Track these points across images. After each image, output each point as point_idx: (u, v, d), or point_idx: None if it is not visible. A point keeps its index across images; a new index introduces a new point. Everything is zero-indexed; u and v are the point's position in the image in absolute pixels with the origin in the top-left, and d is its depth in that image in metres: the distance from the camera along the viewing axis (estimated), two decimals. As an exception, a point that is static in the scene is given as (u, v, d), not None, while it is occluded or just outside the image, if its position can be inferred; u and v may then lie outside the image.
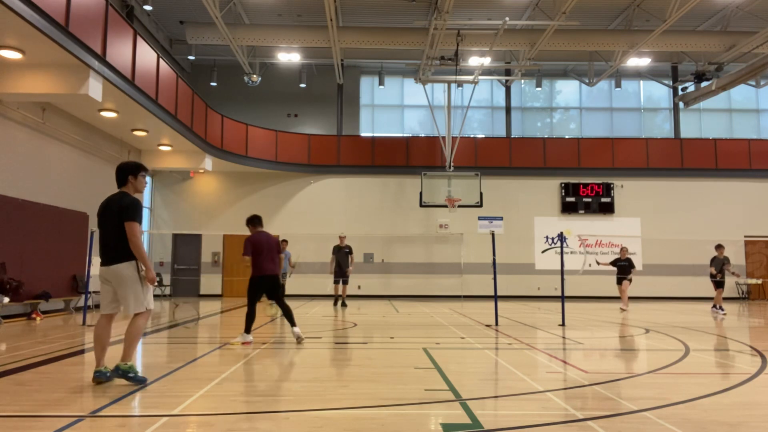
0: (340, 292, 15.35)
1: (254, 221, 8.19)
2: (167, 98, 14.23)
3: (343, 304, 15.13)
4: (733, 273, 14.31)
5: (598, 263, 16.36)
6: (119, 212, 5.03)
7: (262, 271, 7.85)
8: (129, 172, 5.26)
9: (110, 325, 5.25)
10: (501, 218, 20.31)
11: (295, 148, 21.10)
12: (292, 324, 7.98)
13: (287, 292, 18.28)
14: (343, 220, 20.87)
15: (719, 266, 14.09)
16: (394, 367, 6.26)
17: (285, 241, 15.26)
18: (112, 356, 5.44)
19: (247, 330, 7.77)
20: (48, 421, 3.90)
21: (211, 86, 22.37)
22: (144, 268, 5.10)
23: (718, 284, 14.13)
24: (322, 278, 19.75)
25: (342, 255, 15.32)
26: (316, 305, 15.78)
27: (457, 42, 17.64)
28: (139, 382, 5.03)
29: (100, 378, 5.01)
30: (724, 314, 13.64)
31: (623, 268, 15.38)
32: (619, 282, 15.40)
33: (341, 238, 15.67)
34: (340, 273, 15.24)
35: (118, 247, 5.04)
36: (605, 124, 24.04)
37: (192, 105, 16.19)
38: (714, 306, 14.16)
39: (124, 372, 5.03)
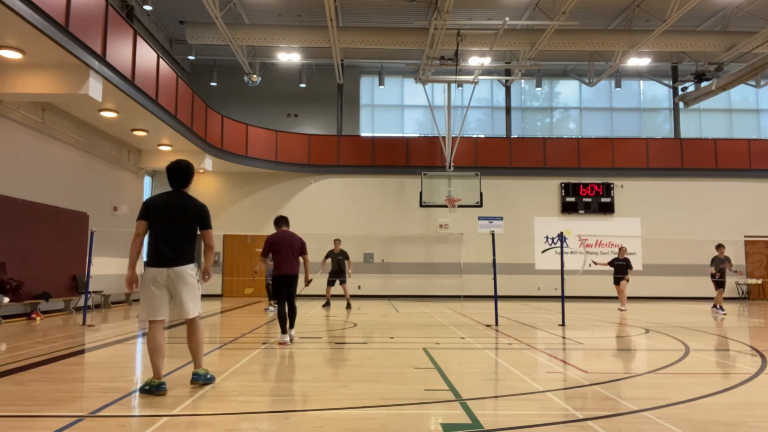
0: (339, 293, 15.09)
1: (277, 221, 8.43)
2: (167, 98, 14.23)
3: (348, 305, 14.73)
4: (735, 272, 14.27)
5: (595, 263, 16.37)
6: (200, 218, 5.02)
7: (281, 271, 7.88)
8: (192, 174, 5.14)
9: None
10: (501, 218, 20.27)
11: (295, 148, 21.10)
12: (291, 326, 8.01)
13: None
14: (343, 220, 20.88)
15: (719, 266, 14.08)
16: (394, 367, 6.26)
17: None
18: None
19: (283, 330, 7.80)
20: (48, 421, 3.90)
21: (211, 86, 22.37)
22: (207, 272, 5.12)
23: (719, 284, 14.12)
24: (321, 278, 19.74)
25: (338, 262, 14.83)
26: (315, 305, 15.78)
27: (457, 42, 17.64)
28: (212, 381, 5.06)
29: (163, 390, 4.66)
30: (724, 314, 13.63)
31: (621, 267, 15.37)
32: (617, 282, 15.39)
33: (336, 243, 15.08)
34: (337, 274, 14.81)
35: (188, 250, 4.90)
36: (605, 124, 24.04)
37: (192, 105, 16.19)
38: (714, 306, 14.15)
39: (204, 375, 4.99)
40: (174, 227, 4.87)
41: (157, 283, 4.81)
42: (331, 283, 14.95)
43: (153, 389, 4.64)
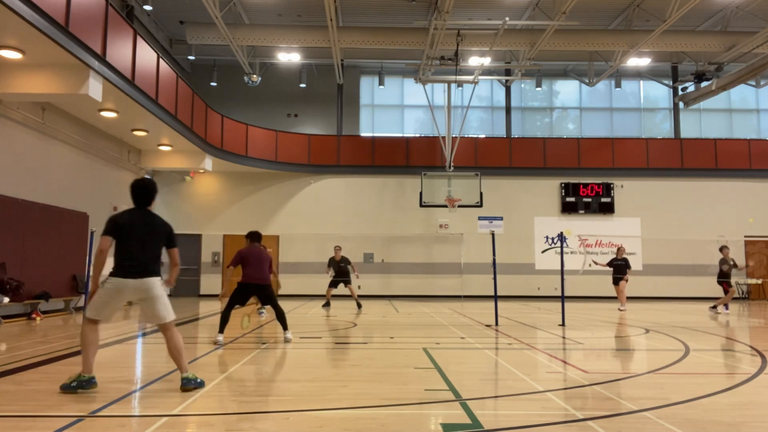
0: (345, 293, 14.89)
1: (250, 236, 8.80)
2: (167, 98, 14.23)
3: (358, 305, 14.50)
4: (734, 265, 14.28)
5: (595, 263, 16.35)
6: (167, 237, 5.26)
7: (247, 279, 8.28)
8: (155, 191, 5.39)
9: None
10: (501, 218, 20.27)
11: (295, 148, 21.10)
12: (284, 327, 8.20)
13: (285, 291, 18.31)
14: (343, 220, 20.88)
15: (728, 268, 14.11)
16: (394, 367, 6.26)
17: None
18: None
19: (221, 330, 7.99)
20: (48, 421, 3.90)
21: (211, 86, 22.37)
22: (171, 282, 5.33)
23: (728, 285, 14.12)
24: (321, 278, 19.76)
25: (340, 269, 14.71)
26: (315, 305, 15.78)
27: (457, 42, 17.64)
28: (202, 385, 5.02)
29: (93, 384, 4.84)
30: (727, 312, 13.62)
31: (620, 267, 15.38)
32: (616, 282, 15.39)
33: (336, 250, 14.95)
34: (340, 276, 14.70)
35: (155, 265, 5.10)
36: (605, 124, 24.04)
37: (192, 105, 16.19)
38: (713, 306, 14.13)
39: (194, 380, 4.95)
40: (143, 244, 5.03)
41: (119, 294, 4.91)
42: (333, 284, 14.85)
43: (83, 384, 4.72)
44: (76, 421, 3.85)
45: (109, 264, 4.97)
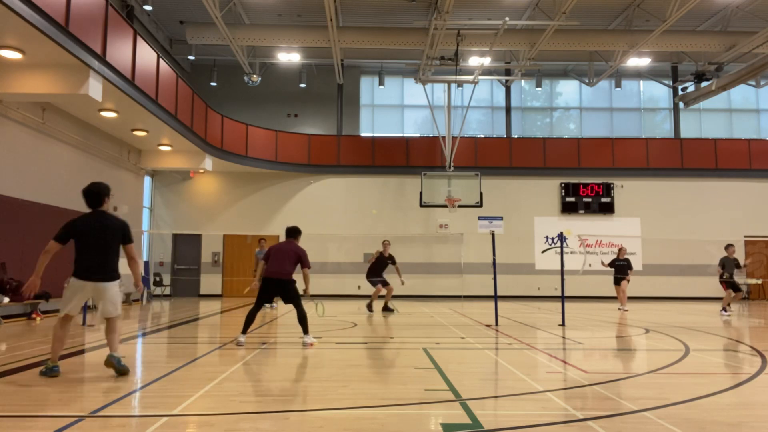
0: (383, 293, 13.61)
1: (286, 232, 8.38)
2: (167, 98, 14.22)
3: (388, 308, 13.50)
4: (742, 265, 14.22)
5: (603, 264, 16.01)
6: (123, 234, 5.55)
7: (266, 273, 7.86)
8: (106, 193, 5.65)
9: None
10: (501, 218, 20.18)
11: (295, 148, 21.11)
12: (305, 331, 7.80)
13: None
14: (343, 220, 20.89)
15: (731, 267, 13.99)
16: (394, 367, 6.26)
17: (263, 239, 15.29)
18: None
19: (244, 330, 7.70)
20: (48, 421, 3.90)
21: (211, 86, 22.37)
22: (137, 284, 5.81)
23: (731, 285, 13.95)
24: (321, 278, 19.76)
25: (384, 266, 13.53)
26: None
27: (457, 42, 17.64)
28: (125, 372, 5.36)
29: (56, 372, 5.31)
30: (729, 315, 13.57)
31: (621, 267, 15.37)
32: (618, 282, 15.38)
33: (385, 245, 13.68)
34: (380, 275, 13.52)
35: (112, 265, 5.52)
36: (605, 124, 24.04)
37: (192, 105, 16.19)
38: (723, 309, 14.01)
39: (119, 359, 5.37)
40: (98, 246, 5.40)
41: (80, 291, 5.41)
42: (376, 283, 13.49)
43: (47, 371, 5.27)
44: (76, 421, 3.85)
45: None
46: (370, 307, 13.58)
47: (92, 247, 5.36)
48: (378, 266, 13.58)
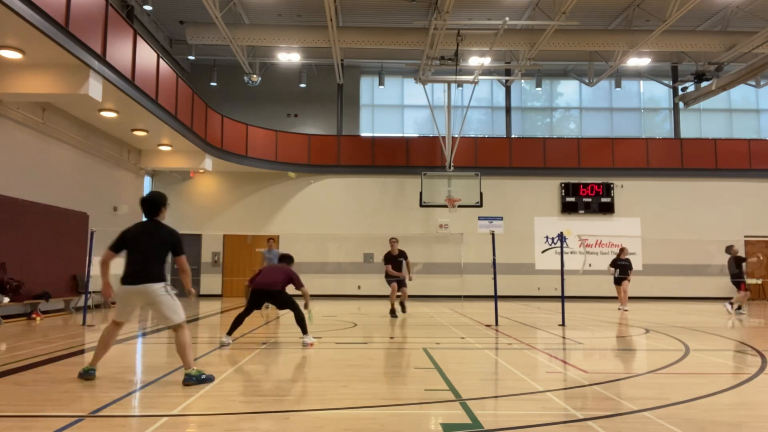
0: (398, 293, 12.85)
1: (279, 258, 8.52)
2: (167, 98, 14.23)
3: (403, 309, 12.88)
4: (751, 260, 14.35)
5: (610, 271, 15.69)
6: (173, 245, 5.48)
7: (256, 285, 8.01)
8: (163, 203, 5.64)
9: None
10: (501, 218, 20.30)
11: (295, 148, 21.10)
12: (304, 332, 7.82)
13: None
14: (343, 220, 20.88)
15: (739, 264, 14.15)
16: (394, 367, 6.26)
17: (272, 239, 15.17)
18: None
19: (230, 332, 7.83)
20: (48, 421, 3.90)
21: (211, 86, 22.37)
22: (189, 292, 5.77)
23: (739, 284, 14.14)
24: (321, 278, 19.77)
25: (397, 264, 12.78)
26: (315, 305, 15.76)
27: (457, 42, 17.64)
28: (210, 380, 5.21)
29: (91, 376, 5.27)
30: (741, 314, 13.61)
31: (623, 267, 15.37)
32: (619, 282, 15.38)
33: (392, 243, 13.03)
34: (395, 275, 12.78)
35: (158, 271, 5.37)
36: (605, 124, 24.04)
37: (192, 105, 16.19)
38: (738, 307, 14.07)
39: (197, 376, 5.12)
40: (145, 253, 5.35)
41: (128, 299, 5.35)
42: (393, 282, 12.74)
43: (83, 373, 5.24)
44: (76, 421, 3.85)
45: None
46: (393, 313, 12.51)
47: (137, 253, 5.33)
48: (393, 266, 12.77)
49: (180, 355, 5.25)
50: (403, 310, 12.91)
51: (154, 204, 5.55)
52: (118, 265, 5.33)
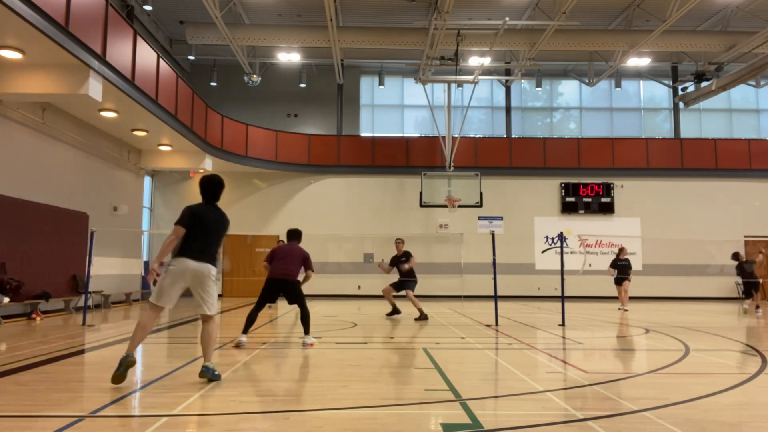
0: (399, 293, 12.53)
1: (287, 235, 8.42)
2: (167, 98, 14.23)
3: (423, 316, 11.88)
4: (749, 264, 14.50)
5: (610, 273, 15.74)
6: (225, 228, 5.60)
7: (270, 273, 7.88)
8: (222, 188, 5.64)
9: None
10: (501, 218, 20.33)
11: (295, 148, 21.11)
12: (306, 332, 7.79)
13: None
14: (343, 220, 20.88)
15: (750, 267, 14.28)
16: (394, 367, 6.26)
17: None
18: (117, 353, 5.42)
19: (244, 330, 7.67)
20: (48, 421, 3.90)
21: (211, 86, 22.37)
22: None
23: (755, 285, 14.26)
24: (321, 278, 19.74)
25: (400, 264, 12.42)
26: (315, 305, 15.76)
27: (457, 42, 17.64)
28: (218, 378, 5.21)
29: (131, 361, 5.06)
30: (761, 313, 13.73)
31: (623, 268, 15.38)
32: (620, 282, 15.38)
33: (397, 244, 12.62)
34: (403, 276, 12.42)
35: (216, 255, 5.44)
36: (605, 124, 24.05)
37: (192, 105, 16.19)
38: (757, 307, 14.24)
39: (212, 371, 5.17)
40: (208, 235, 5.37)
41: (181, 276, 5.19)
42: (395, 286, 12.52)
43: (122, 361, 4.98)
44: (76, 421, 3.85)
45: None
46: (422, 315, 11.82)
47: (207, 233, 5.35)
48: (399, 268, 12.42)
49: (204, 346, 5.29)
50: (396, 311, 12.41)
51: (220, 187, 5.56)
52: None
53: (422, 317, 11.73)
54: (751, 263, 14.52)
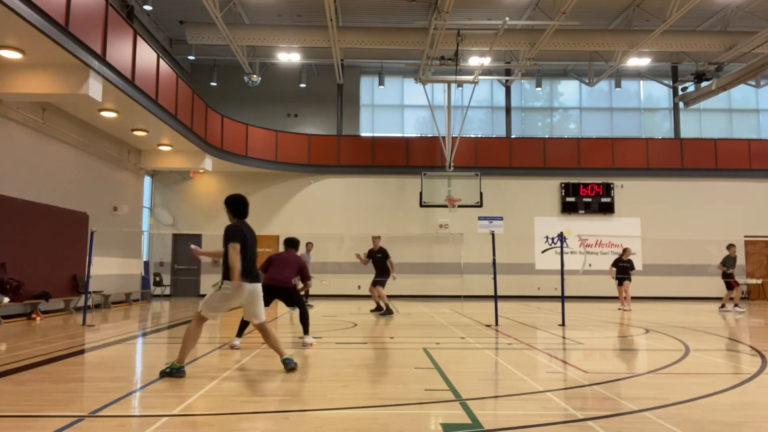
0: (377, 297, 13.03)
1: (285, 243, 8.53)
2: (167, 98, 14.23)
3: (388, 311, 12.68)
4: (725, 271, 14.53)
5: (612, 275, 15.73)
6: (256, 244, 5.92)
7: (266, 280, 7.76)
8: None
9: None
10: (501, 218, 20.34)
11: (295, 148, 21.11)
12: (305, 331, 7.85)
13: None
14: (343, 220, 20.88)
15: (732, 264, 14.28)
16: (394, 367, 6.26)
17: (310, 243, 15.27)
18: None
19: (239, 334, 7.65)
20: (48, 421, 3.90)
21: (211, 86, 22.37)
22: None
23: (728, 284, 14.32)
24: (321, 278, 19.73)
25: (376, 260, 12.92)
26: (316, 305, 15.76)
27: (457, 42, 17.64)
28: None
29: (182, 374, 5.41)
30: (743, 310, 13.74)
31: (625, 268, 15.37)
32: (621, 282, 15.38)
33: (374, 239, 13.18)
34: (376, 271, 13.00)
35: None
36: (605, 124, 24.05)
37: (192, 105, 16.19)
38: (736, 305, 14.24)
39: (291, 360, 5.72)
40: (252, 253, 5.76)
41: (237, 298, 5.56)
42: (374, 283, 12.90)
43: (174, 371, 5.32)
44: (76, 421, 3.85)
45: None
46: (387, 310, 12.62)
47: (251, 252, 5.69)
48: (374, 264, 12.98)
49: (275, 346, 5.81)
50: (388, 311, 12.70)
51: (247, 205, 5.85)
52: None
53: (386, 312, 12.61)
54: (734, 259, 14.55)
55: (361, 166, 21.54)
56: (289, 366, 5.66)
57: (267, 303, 7.91)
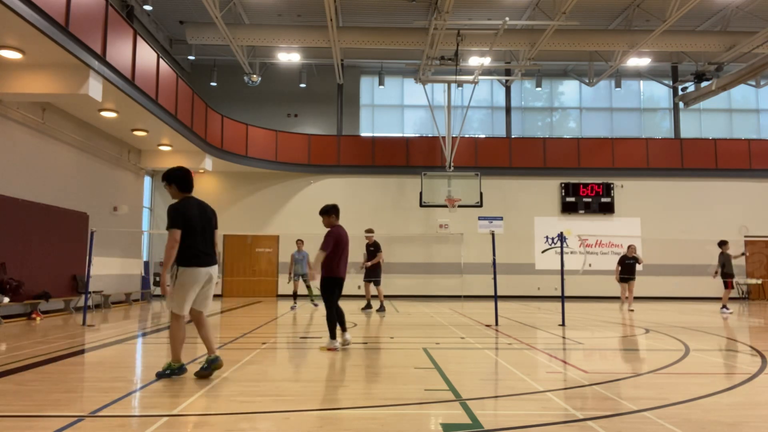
0: (373, 293, 13.79)
1: (333, 211, 7.49)
2: (167, 98, 14.23)
3: (380, 308, 13.39)
4: (741, 254, 14.53)
5: (617, 278, 15.75)
6: (214, 220, 5.54)
7: (340, 273, 7.43)
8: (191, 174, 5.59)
9: None
10: (501, 218, 20.30)
11: (295, 148, 21.11)
12: (343, 329, 7.63)
13: (286, 291, 18.30)
14: (343, 220, 20.77)
15: (727, 261, 14.28)
16: (394, 367, 6.26)
17: (300, 240, 15.26)
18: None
19: (332, 335, 7.30)
20: (48, 421, 3.90)
21: (211, 86, 22.37)
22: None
23: (725, 283, 14.29)
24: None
25: (370, 255, 13.44)
26: (309, 304, 15.75)
27: (457, 42, 17.65)
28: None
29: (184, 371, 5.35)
30: (730, 312, 13.69)
31: (630, 267, 15.36)
32: (625, 281, 15.36)
33: (368, 234, 13.66)
34: (368, 272, 13.53)
35: (215, 250, 5.48)
36: (605, 124, 24.05)
37: (192, 105, 16.19)
38: (723, 306, 14.22)
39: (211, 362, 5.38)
40: (206, 232, 5.38)
41: (197, 283, 5.28)
42: (368, 281, 13.41)
43: (175, 371, 5.27)
44: (76, 421, 3.85)
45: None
46: (380, 307, 13.27)
47: (202, 233, 5.28)
48: (369, 259, 13.48)
49: (207, 341, 5.45)
50: (381, 308, 13.28)
51: (190, 175, 5.45)
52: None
53: (374, 309, 13.22)
54: (728, 256, 14.55)
55: (361, 166, 21.54)
56: (205, 372, 5.24)
57: (335, 298, 7.42)
